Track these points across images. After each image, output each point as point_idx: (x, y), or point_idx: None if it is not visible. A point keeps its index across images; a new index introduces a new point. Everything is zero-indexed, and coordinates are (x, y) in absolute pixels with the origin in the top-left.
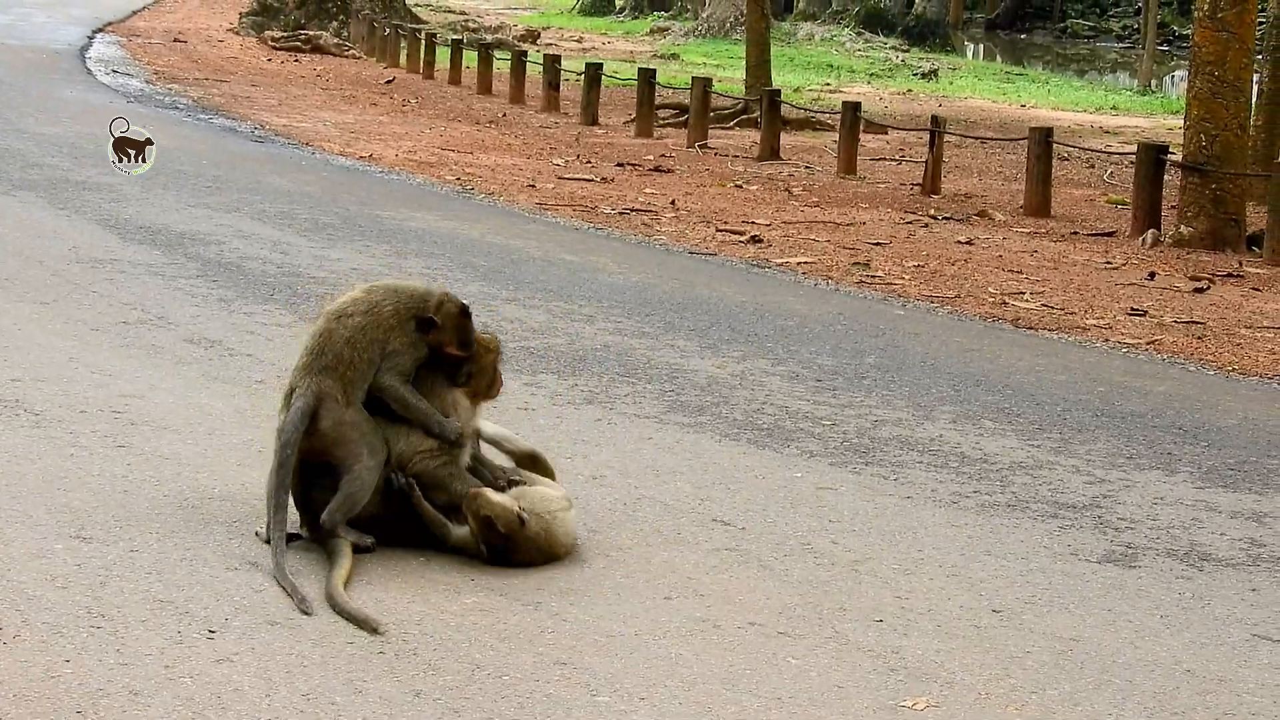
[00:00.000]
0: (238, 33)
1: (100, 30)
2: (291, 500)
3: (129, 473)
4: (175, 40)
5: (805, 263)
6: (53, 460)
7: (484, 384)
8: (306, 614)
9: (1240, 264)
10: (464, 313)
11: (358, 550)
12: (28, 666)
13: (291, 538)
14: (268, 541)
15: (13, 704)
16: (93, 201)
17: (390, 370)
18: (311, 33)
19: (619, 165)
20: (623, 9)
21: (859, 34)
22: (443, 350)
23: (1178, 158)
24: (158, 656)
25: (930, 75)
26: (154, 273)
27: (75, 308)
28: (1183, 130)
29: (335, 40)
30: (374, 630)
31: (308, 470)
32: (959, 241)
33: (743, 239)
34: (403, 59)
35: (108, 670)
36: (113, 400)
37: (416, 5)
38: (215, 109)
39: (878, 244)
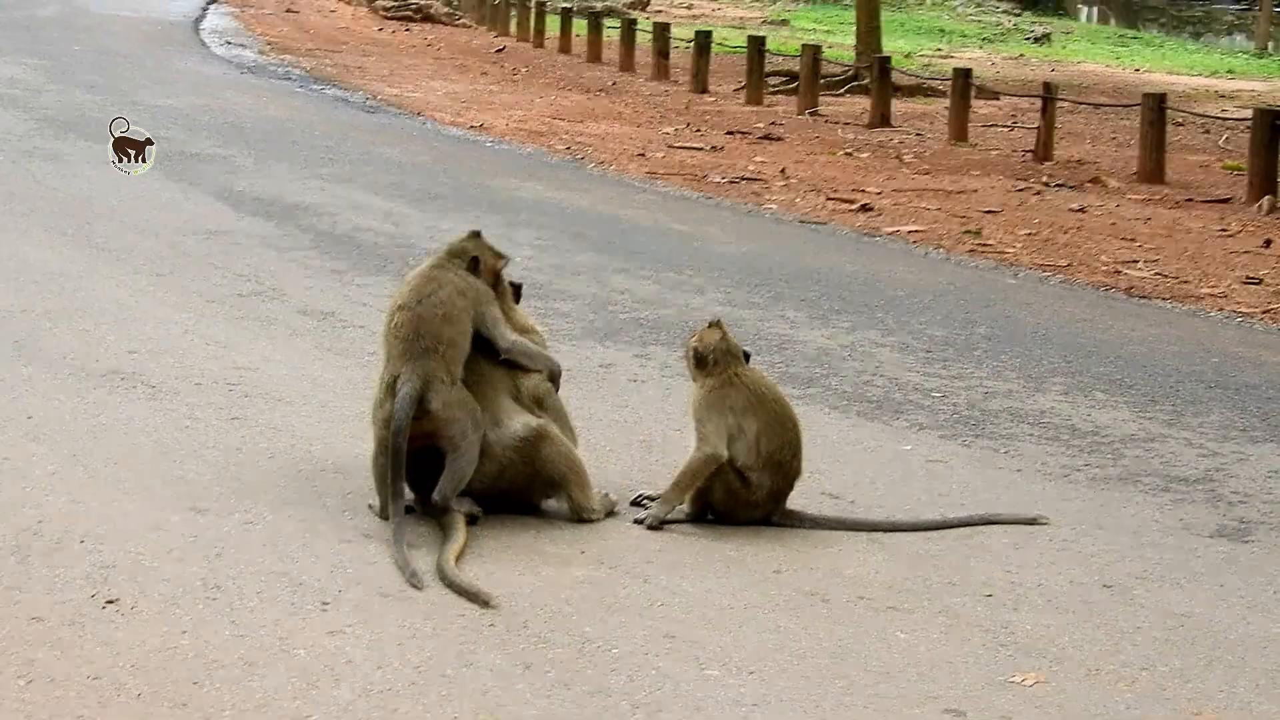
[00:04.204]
0: (349, 2)
1: (214, 1)
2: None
3: (243, 445)
4: (288, 11)
5: (916, 231)
6: (169, 432)
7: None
8: (417, 588)
9: None
10: (475, 234)
11: (469, 521)
12: (145, 637)
13: (406, 510)
14: (382, 516)
15: (131, 674)
16: (207, 173)
17: (500, 330)
18: (422, 2)
19: (729, 133)
20: None
21: None
22: (493, 272)
23: None
24: (272, 628)
25: (1043, 39)
26: (268, 244)
27: (190, 279)
28: None
29: (446, 9)
30: (485, 604)
31: (414, 453)
32: (1071, 209)
33: (853, 207)
34: (513, 27)
35: (223, 641)
36: (227, 372)
37: None
38: (327, 79)
39: (989, 212)
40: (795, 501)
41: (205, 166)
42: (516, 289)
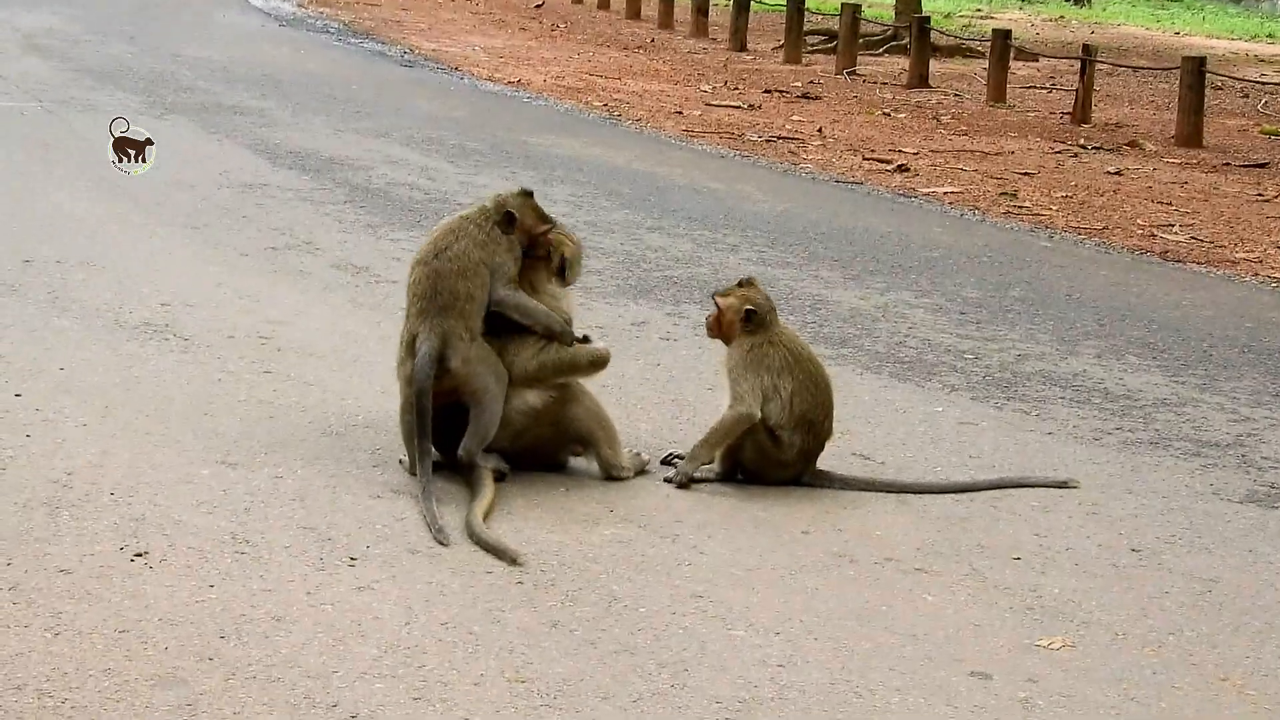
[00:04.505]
0: None
1: None
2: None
3: (275, 399)
4: None
5: (952, 192)
6: (200, 385)
7: (576, 273)
8: (444, 545)
9: None
10: (526, 193)
11: (497, 478)
12: (173, 591)
13: (436, 467)
14: (411, 473)
15: (158, 627)
16: (243, 126)
17: (501, 282)
18: None
19: (766, 92)
20: None
21: None
22: (530, 235)
23: None
24: (300, 583)
25: (1083, 1)
26: (302, 198)
27: (225, 232)
28: None
29: None
30: (513, 561)
31: (440, 409)
32: (1108, 172)
33: (889, 168)
34: None
35: (251, 596)
36: (260, 326)
37: None
38: (365, 33)
39: (1026, 174)
40: (825, 462)
41: (241, 119)
42: (561, 263)
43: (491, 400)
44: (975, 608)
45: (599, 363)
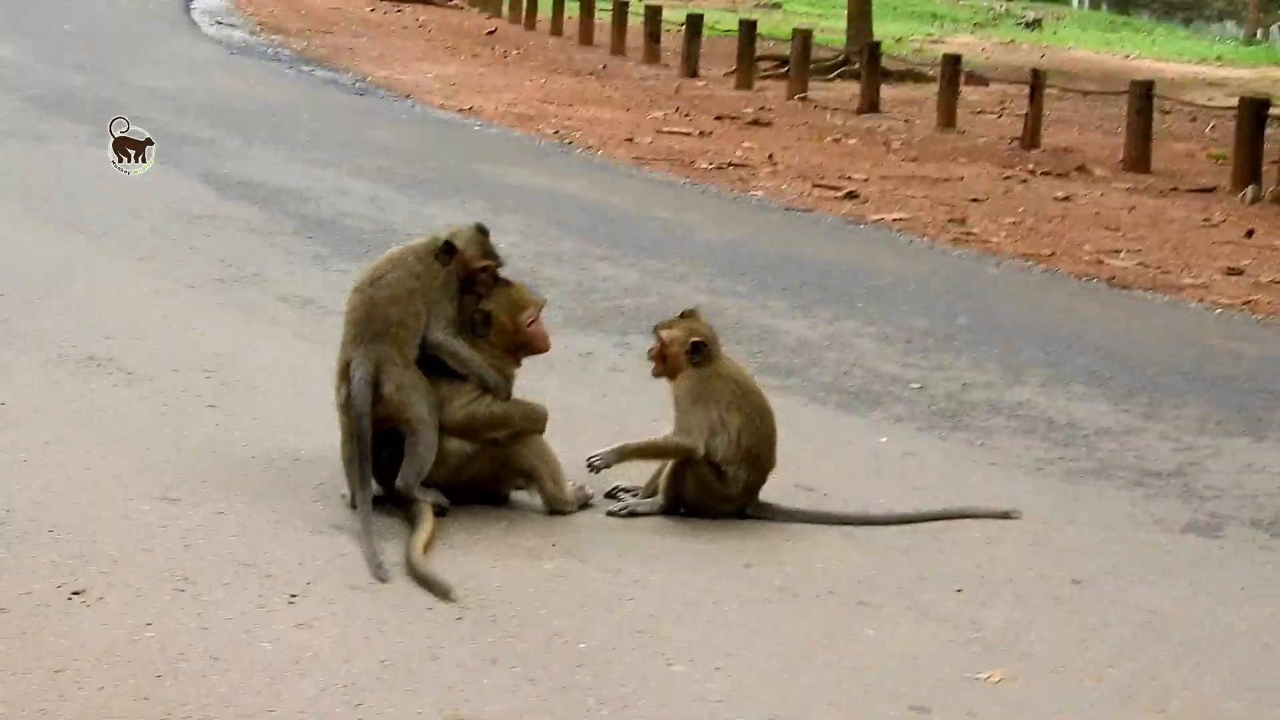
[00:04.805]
0: None
1: None
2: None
3: (218, 433)
4: None
5: (901, 219)
6: (144, 420)
7: (513, 341)
8: (382, 581)
9: None
10: (480, 229)
11: (438, 513)
12: (110, 629)
13: (377, 500)
14: (352, 506)
15: (94, 666)
16: (193, 155)
17: (437, 323)
18: None
19: (718, 118)
20: None
21: None
22: (468, 269)
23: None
24: (239, 621)
25: (1034, 24)
26: (251, 229)
27: (172, 264)
28: None
29: None
30: (446, 596)
31: (377, 439)
32: (1056, 197)
33: (839, 195)
34: (505, 9)
35: (189, 634)
36: (205, 359)
37: None
38: (318, 60)
39: (975, 200)
40: (769, 494)
41: (191, 149)
42: (484, 316)
43: (426, 429)
44: (916, 641)
45: (531, 417)
